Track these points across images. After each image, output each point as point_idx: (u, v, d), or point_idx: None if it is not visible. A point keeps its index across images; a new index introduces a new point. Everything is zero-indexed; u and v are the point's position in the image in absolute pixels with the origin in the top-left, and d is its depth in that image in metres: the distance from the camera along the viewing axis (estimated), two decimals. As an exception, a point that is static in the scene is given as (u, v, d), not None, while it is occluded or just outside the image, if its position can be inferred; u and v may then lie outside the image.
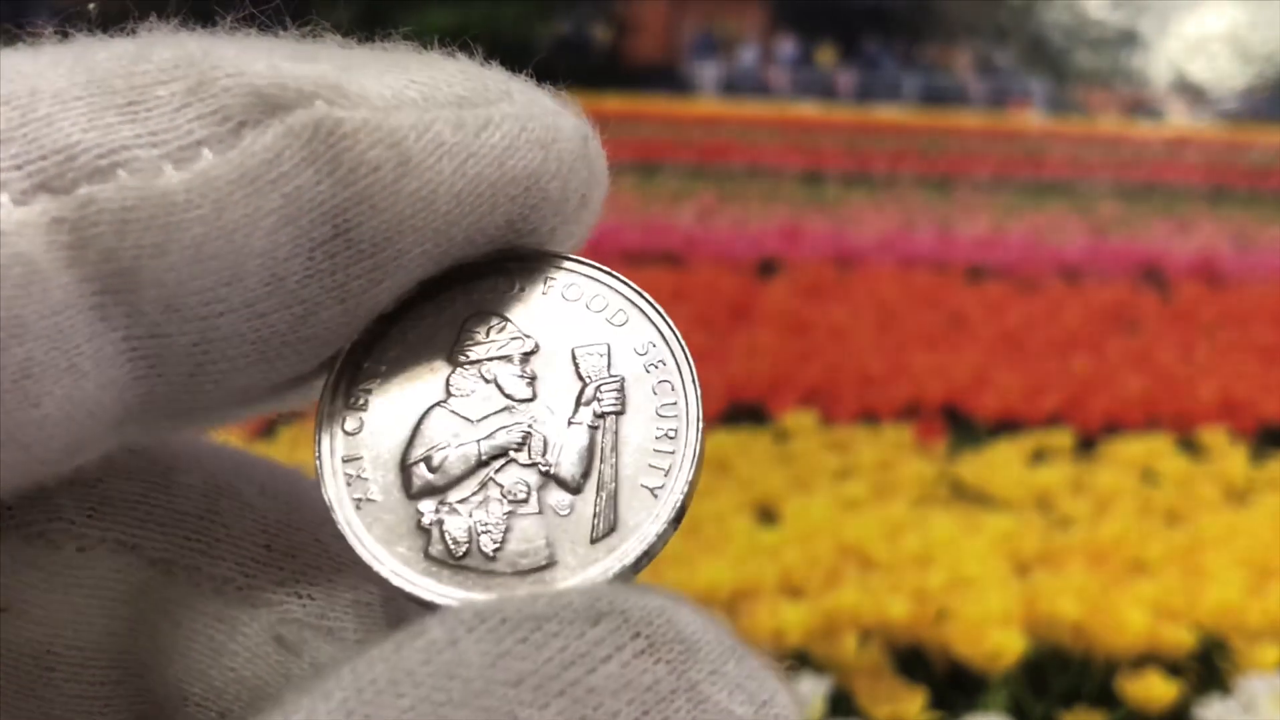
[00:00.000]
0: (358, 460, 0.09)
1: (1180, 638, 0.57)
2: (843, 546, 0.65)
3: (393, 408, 0.09)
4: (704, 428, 0.09)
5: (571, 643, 0.07)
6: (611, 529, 0.09)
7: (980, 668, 0.56)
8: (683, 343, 0.10)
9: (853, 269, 1.46)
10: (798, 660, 0.56)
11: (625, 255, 1.52)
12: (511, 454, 0.09)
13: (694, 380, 0.09)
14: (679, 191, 1.91)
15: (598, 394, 0.09)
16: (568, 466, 0.09)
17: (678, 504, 0.09)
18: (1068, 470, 0.80)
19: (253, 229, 0.08)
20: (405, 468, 0.09)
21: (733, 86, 1.73)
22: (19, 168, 0.08)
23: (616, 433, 0.09)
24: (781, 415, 0.92)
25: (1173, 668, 0.56)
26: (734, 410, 0.97)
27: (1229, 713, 0.53)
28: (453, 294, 0.09)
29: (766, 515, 0.72)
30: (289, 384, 0.09)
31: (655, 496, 0.09)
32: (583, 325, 0.10)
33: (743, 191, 1.91)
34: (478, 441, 0.09)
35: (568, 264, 0.10)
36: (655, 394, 0.09)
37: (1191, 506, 0.74)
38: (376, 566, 0.09)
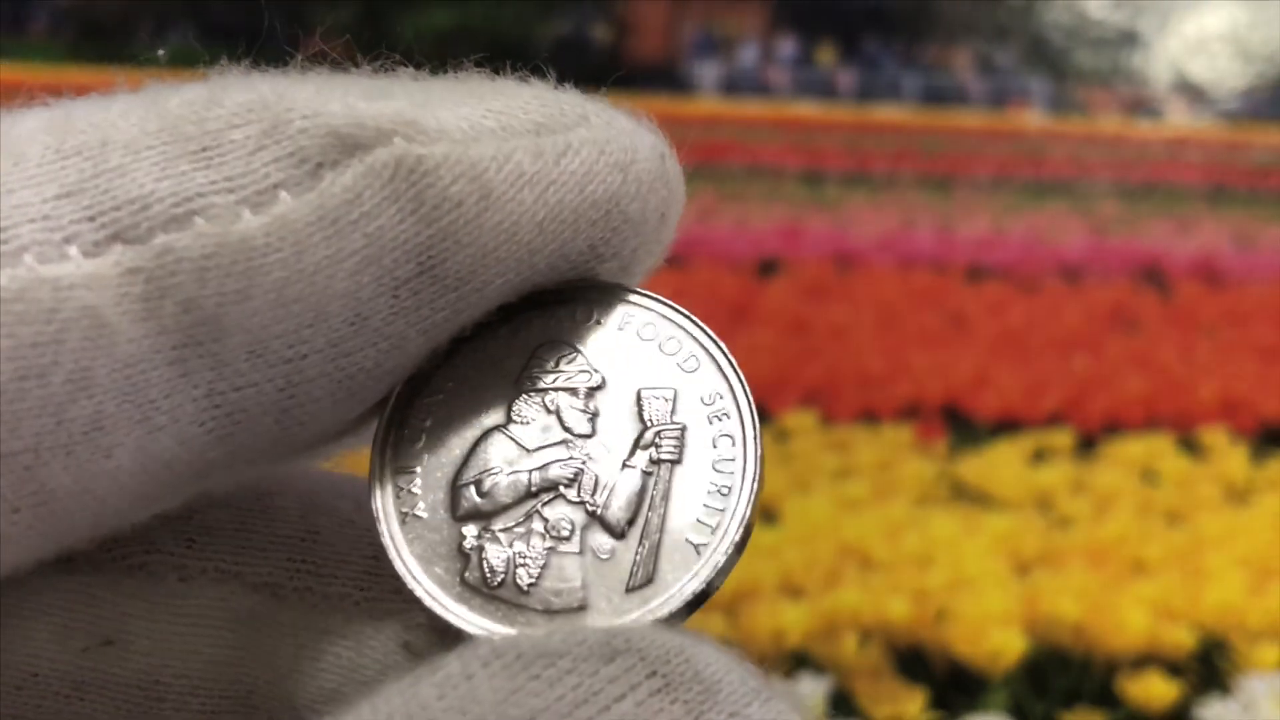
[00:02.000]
0: (411, 474, 0.09)
1: (1181, 638, 0.57)
2: (843, 546, 0.65)
3: (453, 425, 0.09)
4: (759, 489, 0.09)
5: (585, 680, 0.07)
6: (649, 580, 0.09)
7: (980, 668, 0.56)
8: (750, 398, 0.09)
9: (853, 269, 1.45)
10: (797, 660, 0.56)
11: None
12: (562, 489, 0.09)
13: (757, 439, 0.09)
14: (679, 191, 1.91)
15: (657, 439, 0.09)
16: (615, 510, 0.09)
17: (719, 565, 0.09)
18: (1068, 470, 0.80)
19: (335, 270, 0.08)
20: (455, 488, 0.09)
21: (733, 86, 1.73)
22: (91, 219, 0.08)
23: (670, 482, 0.09)
24: (781, 415, 0.92)
25: (1173, 668, 0.56)
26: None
27: (1229, 713, 0.53)
28: (529, 318, 0.09)
29: (766, 515, 0.72)
30: (368, 416, 0.09)
31: (698, 554, 0.09)
32: (653, 367, 0.09)
33: (743, 191, 1.91)
34: (530, 471, 0.09)
35: (647, 302, 0.09)
36: (715, 447, 0.09)
37: (1192, 506, 0.74)
38: (411, 584, 0.09)
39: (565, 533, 0.09)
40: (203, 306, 0.08)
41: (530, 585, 0.09)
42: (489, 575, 0.09)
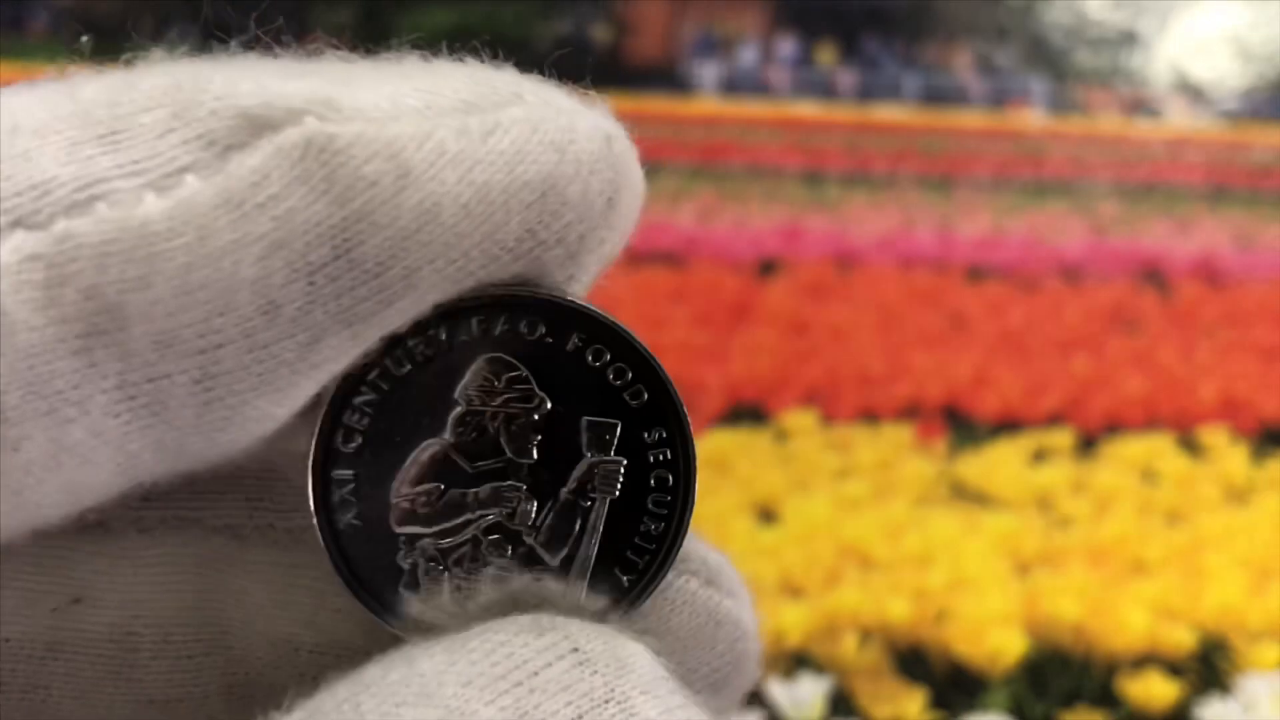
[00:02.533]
0: (350, 481, 0.09)
1: (1181, 638, 0.57)
2: (842, 546, 0.65)
3: (391, 432, 0.09)
4: (687, 530, 0.09)
5: (517, 650, 0.08)
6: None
7: (981, 668, 0.56)
8: (692, 441, 0.09)
9: (853, 269, 1.45)
10: (797, 660, 0.56)
11: (625, 255, 1.51)
12: (499, 513, 0.09)
13: (691, 482, 0.09)
14: (679, 191, 1.91)
15: (596, 472, 0.09)
16: (549, 537, 0.09)
17: (642, 599, 0.09)
18: (1068, 470, 0.80)
19: (242, 255, 0.08)
20: (395, 499, 0.09)
21: (733, 86, 1.73)
22: None
23: (604, 516, 0.09)
24: (781, 415, 0.92)
25: (1173, 668, 0.56)
26: (734, 410, 0.97)
27: (1230, 713, 0.53)
28: (472, 322, 0.09)
29: (766, 515, 0.72)
30: (300, 407, 0.09)
31: (625, 587, 0.09)
32: (599, 396, 0.09)
33: (743, 191, 1.91)
34: (470, 491, 0.09)
35: (601, 323, 0.09)
36: (652, 485, 0.09)
37: (1192, 506, 0.74)
38: (353, 589, 0.09)
39: (500, 555, 0.09)
40: (104, 294, 0.08)
41: (463, 602, 0.09)
42: (424, 586, 0.09)
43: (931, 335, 1.14)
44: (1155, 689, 0.55)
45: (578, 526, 0.09)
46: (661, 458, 0.09)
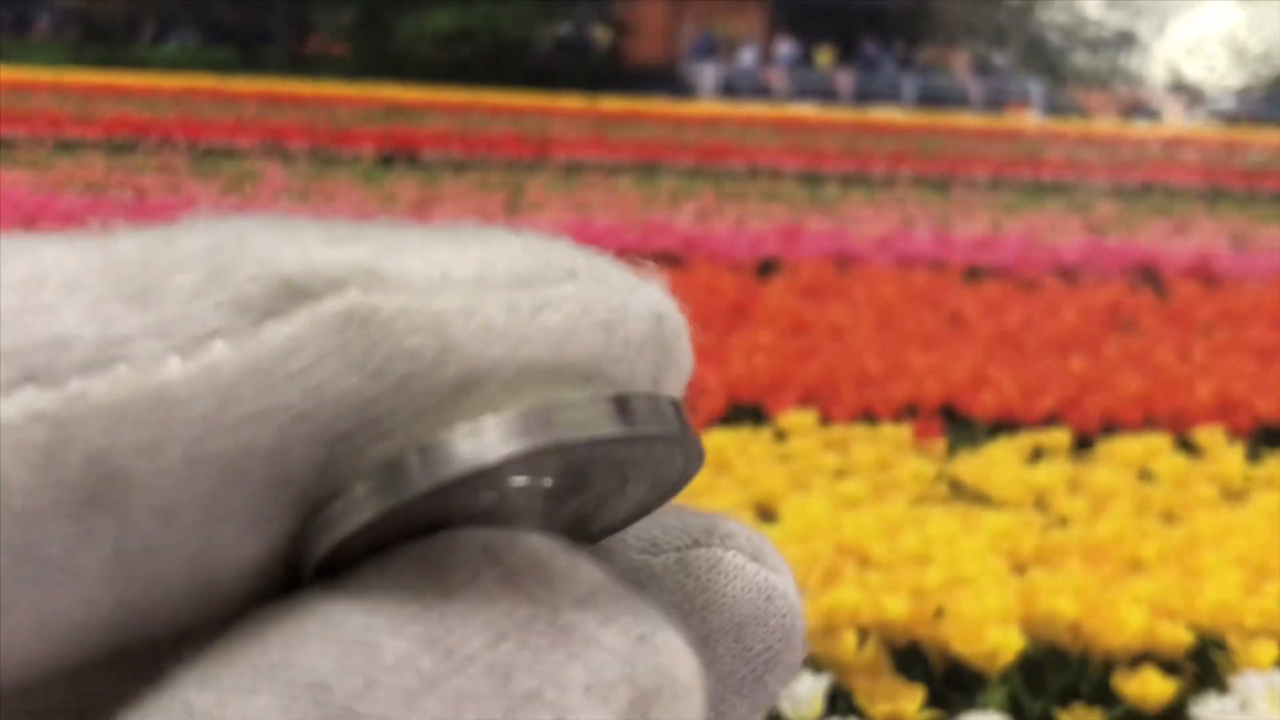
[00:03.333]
0: None
1: (1177, 636, 0.57)
2: (841, 545, 0.65)
3: None
4: None
5: (429, 572, 0.07)
6: None
7: (978, 666, 0.56)
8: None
9: (852, 269, 1.46)
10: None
11: (625, 255, 1.52)
12: None
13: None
14: (679, 191, 1.92)
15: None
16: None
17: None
18: (1065, 469, 0.81)
19: (262, 427, 0.07)
20: None
21: (732, 88, 1.73)
22: (7, 357, 0.07)
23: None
24: (780, 415, 0.93)
25: (1170, 666, 0.57)
26: (733, 410, 0.97)
27: (1225, 710, 0.53)
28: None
29: (765, 514, 0.73)
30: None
31: None
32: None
33: (742, 192, 1.91)
34: None
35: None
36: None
37: (1188, 505, 0.74)
38: None
39: None
40: (110, 459, 0.07)
41: None
42: None
43: (929, 335, 1.14)
44: (1152, 686, 0.55)
45: None
46: None
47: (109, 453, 0.07)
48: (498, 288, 0.08)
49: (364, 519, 0.07)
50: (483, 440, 0.08)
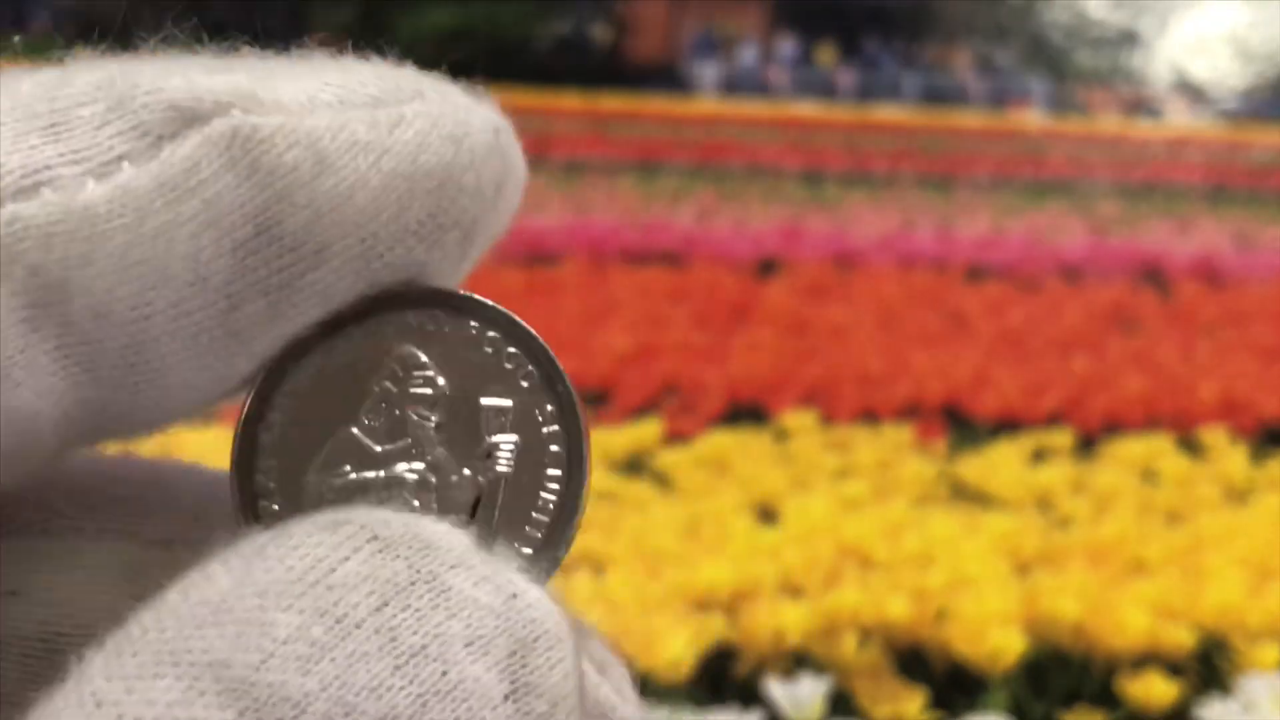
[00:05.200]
0: (267, 468, 0.10)
1: (1180, 638, 0.57)
2: (843, 546, 0.65)
3: (307, 422, 0.10)
4: (583, 509, 0.10)
5: (311, 551, 0.08)
6: None
7: (980, 667, 0.56)
8: (583, 418, 0.10)
9: (853, 269, 1.46)
10: (798, 660, 0.56)
11: (625, 255, 1.52)
12: (405, 493, 0.10)
13: (585, 458, 0.10)
14: (679, 191, 1.91)
15: (493, 451, 0.10)
16: (451, 517, 0.10)
17: (546, 571, 0.10)
18: (1068, 470, 0.81)
19: (175, 234, 0.09)
20: (305, 484, 0.10)
21: (732, 86, 1.73)
22: None
23: (503, 493, 0.10)
24: (781, 415, 0.92)
25: (1173, 667, 0.56)
26: (734, 410, 0.97)
27: (1229, 712, 0.53)
28: (381, 322, 0.10)
29: (766, 515, 0.72)
30: (220, 383, 0.10)
31: (528, 561, 0.10)
32: (494, 382, 0.10)
33: (743, 191, 1.90)
34: (376, 473, 0.10)
35: (496, 315, 0.10)
36: (545, 464, 0.10)
37: (1192, 506, 0.74)
38: None
39: None
40: (49, 271, 0.09)
41: None
42: None
43: (931, 335, 1.14)
44: (1155, 689, 0.54)
45: (478, 503, 0.10)
46: (554, 436, 0.10)
47: (46, 266, 0.09)
48: (359, 107, 0.09)
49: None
50: None
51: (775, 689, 0.51)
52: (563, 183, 1.91)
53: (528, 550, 0.10)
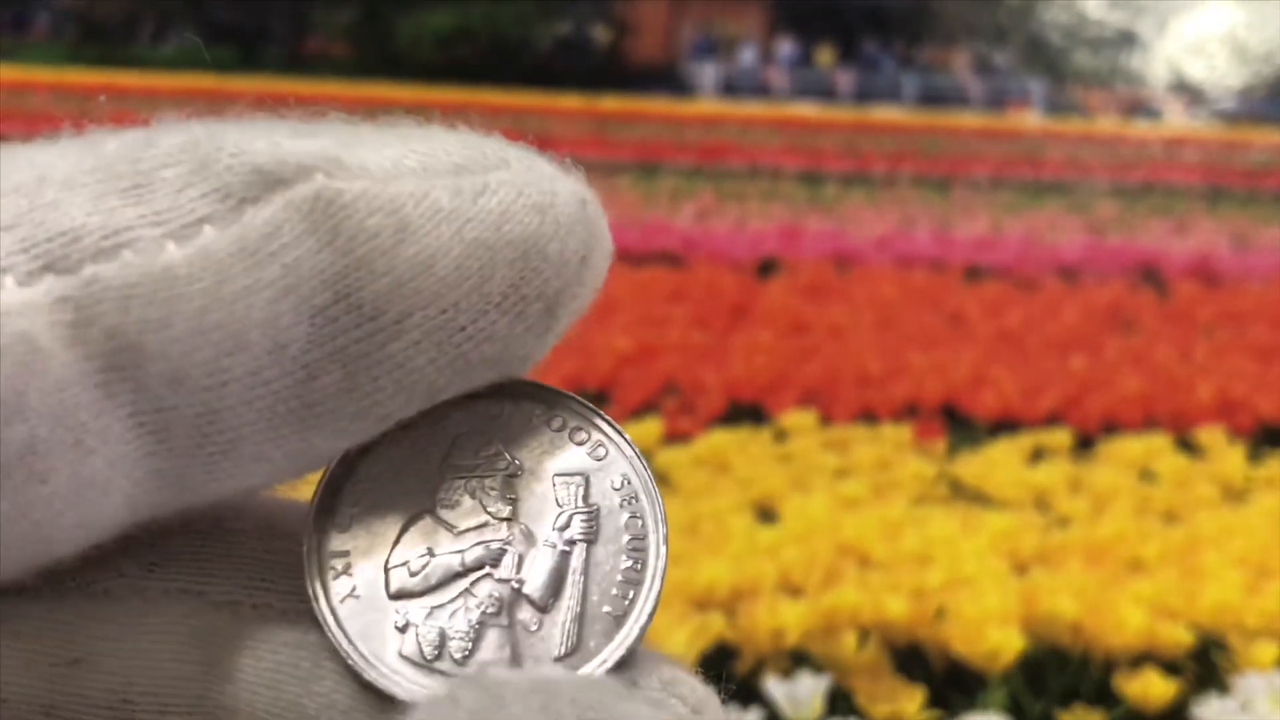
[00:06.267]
0: (345, 556, 0.10)
1: (1178, 636, 0.57)
2: (842, 545, 0.65)
3: (382, 509, 0.10)
4: (665, 566, 0.10)
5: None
6: (574, 649, 0.10)
7: (979, 666, 0.56)
8: (654, 484, 0.10)
9: (852, 269, 1.46)
10: (797, 659, 0.56)
11: (625, 255, 1.52)
12: (488, 568, 0.10)
13: (662, 520, 0.10)
14: (679, 191, 1.91)
15: (571, 521, 0.10)
16: (538, 586, 0.10)
17: (637, 634, 0.10)
18: (1066, 469, 0.81)
19: (254, 299, 0.09)
20: (387, 569, 0.10)
21: (732, 87, 1.73)
22: (25, 250, 0.08)
23: (587, 560, 0.10)
24: (780, 415, 0.92)
25: (1170, 666, 0.56)
26: (733, 410, 0.97)
27: (1226, 711, 0.53)
28: (448, 412, 0.10)
29: (766, 514, 0.72)
30: (295, 459, 0.10)
31: (617, 624, 0.10)
32: (564, 455, 0.10)
33: (742, 191, 1.91)
34: (458, 553, 0.10)
35: (558, 397, 0.10)
36: (625, 529, 0.10)
37: (1189, 505, 0.74)
38: (351, 660, 0.10)
39: (494, 609, 0.10)
40: (126, 333, 0.08)
41: (464, 657, 0.10)
42: (425, 649, 0.10)
43: (930, 335, 1.14)
44: (1153, 687, 0.55)
45: (564, 573, 0.10)
46: (631, 500, 0.10)
47: (123, 328, 0.08)
48: (443, 175, 0.09)
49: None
50: None
51: (774, 687, 0.52)
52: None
53: (620, 613, 0.10)
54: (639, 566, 0.10)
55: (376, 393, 0.09)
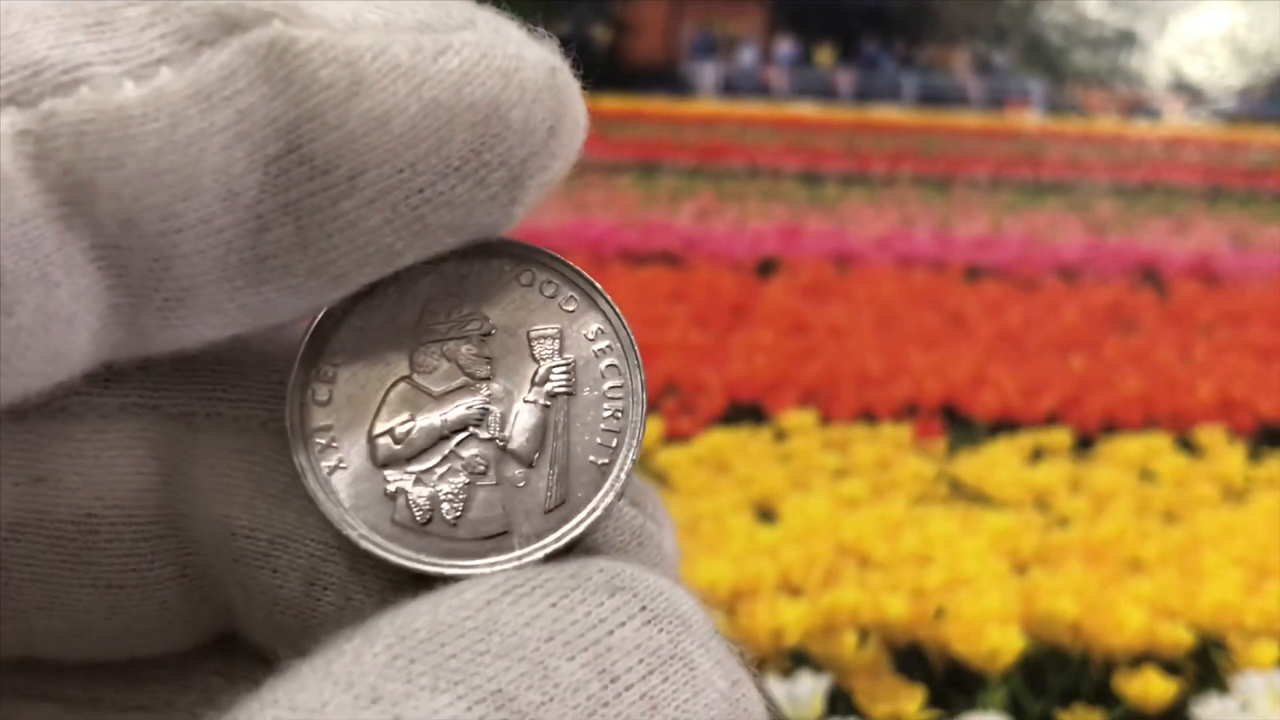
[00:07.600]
0: (328, 429, 0.10)
1: (1178, 636, 0.57)
2: (841, 545, 0.65)
3: (360, 380, 0.10)
4: (647, 410, 0.10)
5: (594, 609, 0.08)
6: (563, 501, 0.10)
7: (979, 666, 0.56)
8: (629, 330, 0.10)
9: (851, 269, 1.46)
10: (796, 659, 0.56)
11: (625, 255, 1.52)
12: (471, 429, 0.10)
13: (639, 365, 0.10)
14: (679, 191, 1.91)
15: (550, 375, 0.10)
16: (522, 442, 0.10)
17: (623, 481, 0.10)
18: (1066, 469, 0.81)
19: (207, 144, 0.08)
20: (372, 439, 0.10)
21: (732, 87, 1.74)
22: None
23: (568, 412, 0.10)
24: (780, 414, 0.92)
25: (1171, 666, 0.56)
26: (733, 410, 0.97)
27: (1227, 711, 0.53)
28: (416, 276, 0.10)
29: (765, 514, 0.72)
30: (249, 314, 0.09)
31: (602, 472, 0.10)
32: (538, 311, 0.10)
33: (742, 191, 1.91)
34: (440, 416, 0.10)
35: (524, 251, 0.10)
36: (604, 378, 0.10)
37: (1189, 505, 0.74)
38: (347, 531, 0.10)
39: (481, 468, 0.10)
40: (79, 170, 0.08)
41: (456, 519, 0.10)
42: (418, 514, 0.10)
43: (930, 335, 1.14)
44: (1152, 687, 0.55)
45: (547, 427, 0.10)
46: (606, 350, 0.10)
47: (77, 165, 0.08)
48: (404, 31, 0.09)
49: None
50: None
51: (774, 687, 0.52)
52: (562, 183, 1.91)
53: (604, 462, 0.10)
54: (620, 414, 0.10)
55: (330, 250, 0.09)
